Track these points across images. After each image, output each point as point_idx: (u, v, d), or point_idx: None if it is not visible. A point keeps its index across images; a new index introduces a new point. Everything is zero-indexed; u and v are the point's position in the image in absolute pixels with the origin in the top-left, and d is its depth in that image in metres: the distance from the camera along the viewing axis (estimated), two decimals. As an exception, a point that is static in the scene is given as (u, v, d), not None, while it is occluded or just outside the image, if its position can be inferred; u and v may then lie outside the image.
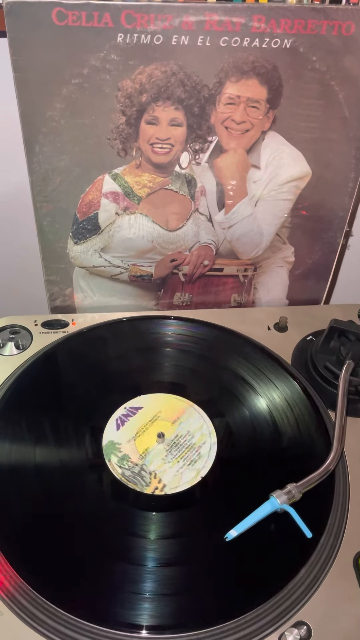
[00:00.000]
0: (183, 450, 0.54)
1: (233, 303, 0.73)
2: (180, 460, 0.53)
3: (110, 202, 0.62)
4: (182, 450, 0.54)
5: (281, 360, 0.61)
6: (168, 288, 0.71)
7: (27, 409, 0.55)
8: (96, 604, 0.42)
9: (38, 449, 0.52)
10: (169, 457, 0.53)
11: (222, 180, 0.63)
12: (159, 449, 0.54)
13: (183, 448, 0.54)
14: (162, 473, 0.52)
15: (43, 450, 0.52)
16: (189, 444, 0.54)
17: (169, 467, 0.52)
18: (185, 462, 0.53)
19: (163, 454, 0.54)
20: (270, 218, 0.66)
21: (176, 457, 0.53)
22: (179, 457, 0.53)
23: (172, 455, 0.53)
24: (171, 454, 0.53)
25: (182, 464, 0.53)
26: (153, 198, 0.63)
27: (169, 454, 0.53)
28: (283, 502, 0.46)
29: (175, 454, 0.54)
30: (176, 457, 0.53)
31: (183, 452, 0.53)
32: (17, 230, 0.70)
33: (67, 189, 0.61)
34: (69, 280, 0.68)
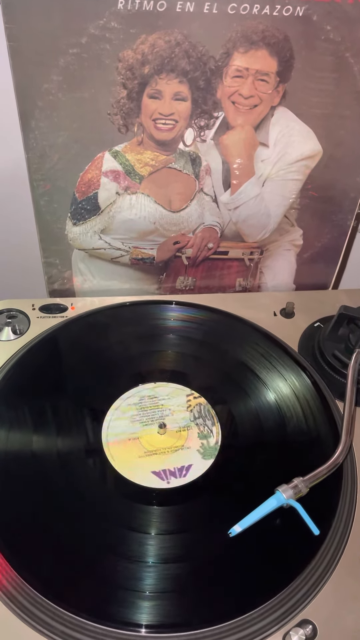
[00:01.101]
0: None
1: (238, 287, 0.72)
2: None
3: (111, 181, 0.61)
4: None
5: (287, 347, 0.60)
6: (171, 272, 0.70)
7: (24, 397, 0.55)
8: (95, 601, 0.42)
9: (36, 437, 0.51)
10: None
11: (228, 159, 0.61)
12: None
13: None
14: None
15: (41, 439, 0.52)
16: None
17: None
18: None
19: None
20: (278, 199, 0.65)
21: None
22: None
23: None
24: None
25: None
26: (155, 177, 0.61)
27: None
28: (289, 497, 0.45)
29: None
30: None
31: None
32: (14, 210, 0.69)
33: (65, 167, 0.59)
34: (67, 262, 0.67)
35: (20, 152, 0.58)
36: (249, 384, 0.57)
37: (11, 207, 0.69)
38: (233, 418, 0.55)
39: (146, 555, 0.44)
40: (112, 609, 0.41)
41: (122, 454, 0.52)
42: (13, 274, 0.75)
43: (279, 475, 0.47)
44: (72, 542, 0.45)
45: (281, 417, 0.54)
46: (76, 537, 0.46)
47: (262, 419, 0.54)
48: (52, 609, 0.42)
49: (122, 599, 0.42)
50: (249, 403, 0.56)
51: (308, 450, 0.51)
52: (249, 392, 0.56)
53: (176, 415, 0.55)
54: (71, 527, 0.46)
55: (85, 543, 0.45)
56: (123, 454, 0.52)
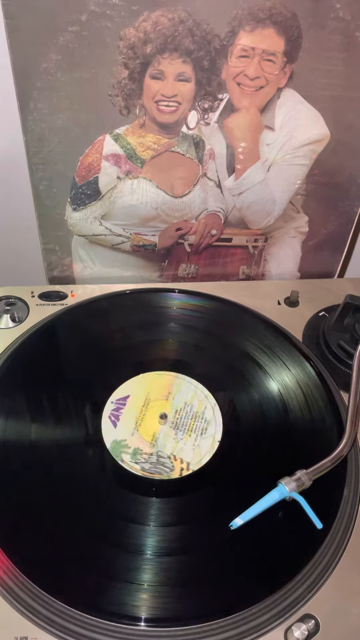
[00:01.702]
0: (189, 421, 0.52)
1: (241, 275, 0.71)
2: (191, 433, 0.52)
3: (112, 165, 0.60)
4: (188, 423, 0.52)
5: (291, 337, 0.59)
6: (173, 259, 0.69)
7: (22, 387, 0.54)
8: (92, 593, 0.41)
9: (34, 427, 0.51)
10: (179, 435, 0.52)
11: (232, 143, 0.60)
12: (166, 430, 0.52)
13: (188, 420, 0.53)
14: (180, 452, 0.51)
15: (40, 429, 0.51)
16: (191, 413, 0.53)
17: (184, 444, 0.51)
18: (197, 433, 0.52)
19: (172, 433, 0.52)
20: (283, 184, 0.63)
21: (186, 431, 0.52)
22: (189, 430, 0.52)
23: (181, 430, 0.52)
24: (180, 430, 0.52)
25: (194, 435, 0.52)
26: (158, 161, 0.60)
27: (178, 431, 0.52)
28: (292, 490, 0.45)
29: (184, 428, 0.52)
30: (186, 432, 0.52)
31: (190, 424, 0.52)
32: (12, 196, 0.68)
33: (64, 150, 0.58)
34: (67, 249, 0.66)
35: (18, 135, 0.57)
36: (252, 374, 0.56)
37: (9, 192, 0.68)
38: (235, 408, 0.54)
39: (145, 548, 0.44)
40: (110, 602, 0.41)
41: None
42: (12, 261, 0.74)
43: (282, 468, 0.46)
44: (70, 534, 0.45)
45: (284, 408, 0.53)
46: (74, 529, 0.45)
47: (265, 409, 0.53)
48: (49, 601, 0.41)
49: (120, 592, 0.42)
50: (251, 393, 0.55)
51: (312, 442, 0.51)
52: (251, 382, 0.56)
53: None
54: (69, 518, 0.46)
55: (83, 534, 0.45)
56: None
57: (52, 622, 0.41)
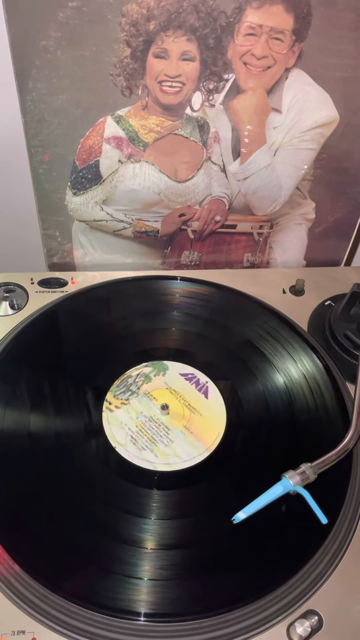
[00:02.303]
0: (149, 433, 0.51)
1: (246, 263, 0.71)
2: (138, 431, 0.51)
3: (113, 148, 0.59)
4: (149, 432, 0.52)
5: (297, 326, 0.59)
6: (175, 245, 0.68)
7: (22, 375, 0.53)
8: (91, 587, 0.41)
9: (33, 416, 0.50)
10: (141, 419, 0.52)
11: (238, 125, 0.59)
12: (153, 410, 0.53)
13: (150, 433, 0.51)
14: (124, 411, 0.52)
15: (38, 419, 0.51)
16: (156, 438, 0.51)
17: (130, 419, 0.52)
18: (137, 437, 0.51)
19: (147, 414, 0.52)
20: (290, 169, 0.62)
21: (143, 427, 0.52)
22: (142, 430, 0.52)
23: (144, 424, 0.52)
24: (145, 423, 0.52)
25: (134, 433, 0.51)
26: (161, 144, 0.59)
27: (146, 421, 0.52)
28: (296, 484, 0.44)
29: (146, 427, 0.52)
30: (142, 427, 0.52)
31: (147, 434, 0.51)
32: (10, 179, 0.67)
33: (64, 132, 0.57)
34: (67, 234, 0.66)
35: (16, 116, 0.56)
36: (256, 364, 0.56)
37: (8, 175, 0.68)
38: (239, 399, 0.53)
39: (145, 541, 0.43)
40: (109, 596, 0.41)
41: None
42: (10, 247, 0.73)
43: (286, 461, 0.46)
44: (68, 526, 0.44)
45: (289, 399, 0.53)
46: (72, 521, 0.45)
47: (269, 400, 0.53)
48: (47, 594, 0.41)
49: (120, 586, 0.41)
50: (255, 384, 0.54)
51: (317, 434, 0.50)
52: (255, 373, 0.55)
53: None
54: (68, 510, 0.45)
55: (82, 527, 0.44)
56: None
57: (50, 616, 0.40)
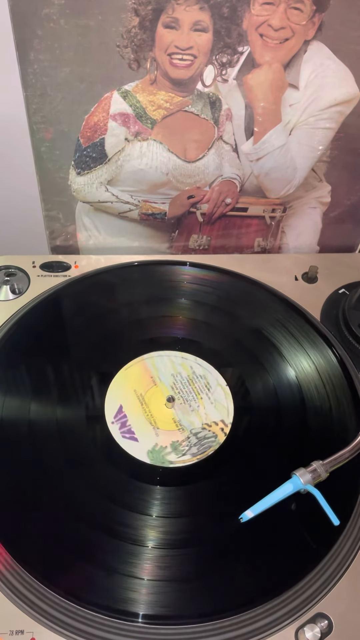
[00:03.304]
0: (190, 387, 0.53)
1: (257, 248, 0.69)
2: (201, 394, 0.52)
3: (119, 125, 0.58)
4: (190, 389, 0.52)
5: (309, 315, 0.58)
6: (183, 229, 0.67)
7: (22, 362, 0.53)
8: (88, 586, 0.40)
9: (34, 405, 0.50)
10: (193, 404, 0.51)
11: (252, 102, 0.57)
12: (181, 408, 0.51)
13: (188, 386, 0.53)
14: (208, 416, 0.51)
15: (39, 408, 0.50)
16: (185, 379, 0.52)
17: (204, 408, 0.51)
18: (204, 391, 0.52)
19: (187, 407, 0.51)
20: (306, 150, 0.61)
21: (195, 397, 0.52)
22: (197, 394, 0.52)
23: (192, 399, 0.52)
24: (190, 399, 0.52)
25: (205, 395, 0.52)
26: (169, 122, 0.58)
27: (190, 402, 0.51)
28: (307, 482, 0.43)
29: (192, 396, 0.52)
30: (196, 397, 0.52)
31: (193, 388, 0.52)
32: (11, 158, 0.65)
33: (68, 108, 0.56)
34: (71, 216, 0.65)
35: (17, 90, 0.55)
36: (266, 355, 0.54)
37: (8, 154, 0.66)
38: (247, 392, 0.52)
39: (146, 539, 0.43)
40: (108, 596, 0.40)
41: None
42: (12, 228, 0.72)
43: (296, 458, 0.45)
44: (69, 522, 0.44)
45: (300, 393, 0.51)
46: (71, 516, 0.44)
47: (279, 394, 0.52)
48: (45, 593, 0.40)
49: (118, 586, 0.40)
50: (264, 376, 0.53)
51: (329, 431, 0.49)
52: (265, 364, 0.54)
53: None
54: (67, 504, 0.45)
55: (81, 523, 0.44)
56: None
57: (49, 616, 0.40)
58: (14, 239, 0.71)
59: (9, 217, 0.71)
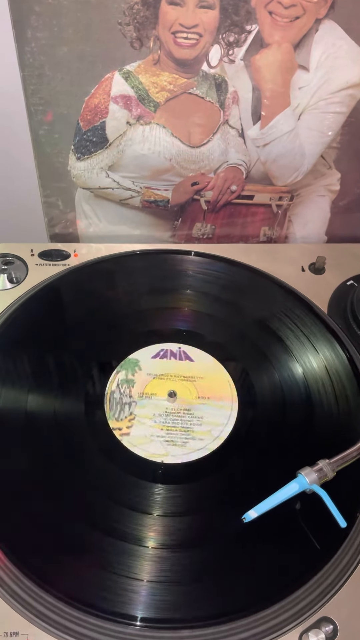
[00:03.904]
0: (178, 426, 0.50)
1: (262, 237, 0.69)
2: (167, 432, 0.49)
3: (121, 108, 0.57)
4: (177, 425, 0.50)
5: (316, 308, 0.57)
6: (187, 217, 0.66)
7: (19, 354, 0.52)
8: (84, 587, 0.40)
9: (31, 397, 0.49)
10: (159, 420, 0.50)
11: (259, 85, 0.56)
12: (161, 405, 0.51)
13: (179, 425, 0.50)
14: (139, 424, 0.49)
15: (36, 401, 0.49)
16: (188, 426, 0.50)
17: (150, 427, 0.49)
18: (172, 438, 0.49)
19: (160, 411, 0.50)
20: (315, 135, 0.60)
21: (167, 424, 0.49)
22: (170, 428, 0.49)
23: (166, 421, 0.50)
24: (166, 420, 0.50)
25: (165, 436, 0.49)
26: (173, 105, 0.57)
27: (164, 418, 0.50)
28: (313, 482, 0.42)
29: (170, 423, 0.50)
30: (166, 425, 0.49)
31: (177, 427, 0.49)
32: (8, 141, 0.64)
33: (67, 89, 0.55)
34: (70, 203, 0.64)
35: (14, 70, 0.54)
36: (271, 349, 0.54)
37: (5, 137, 0.65)
38: (251, 388, 0.51)
39: (146, 539, 0.42)
40: (104, 597, 0.39)
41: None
42: (9, 215, 0.72)
43: (302, 456, 0.45)
44: (64, 520, 0.43)
45: (306, 389, 0.51)
46: (68, 514, 0.43)
47: (285, 390, 0.51)
48: (41, 594, 0.39)
49: (116, 587, 0.40)
50: (269, 371, 0.52)
51: (336, 428, 0.48)
52: (270, 358, 0.53)
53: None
54: (64, 501, 0.44)
55: (78, 521, 0.43)
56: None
57: (44, 617, 0.39)
58: (11, 226, 0.70)
59: (6, 203, 0.70)
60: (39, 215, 0.66)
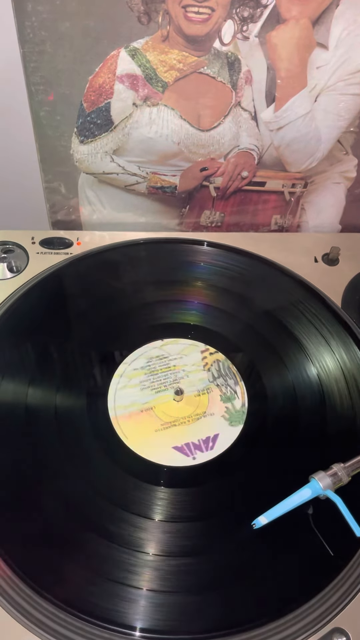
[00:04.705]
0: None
1: (274, 226, 0.68)
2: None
3: (127, 88, 0.55)
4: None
5: (329, 300, 0.56)
6: (195, 204, 0.65)
7: (18, 346, 0.52)
8: (82, 594, 0.39)
9: (31, 391, 0.49)
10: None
11: (275, 64, 0.54)
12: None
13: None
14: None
15: (35, 396, 0.49)
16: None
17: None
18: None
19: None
20: (332, 119, 0.58)
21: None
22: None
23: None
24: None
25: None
26: (182, 85, 0.55)
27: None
28: (327, 487, 0.42)
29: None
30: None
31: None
32: (8, 123, 0.63)
33: (70, 67, 0.54)
34: (73, 188, 0.63)
35: (14, 47, 0.52)
36: (281, 345, 0.53)
37: (4, 118, 0.64)
38: (262, 386, 0.51)
39: (148, 545, 0.41)
40: (102, 605, 0.38)
41: (135, 429, 0.48)
42: (9, 201, 0.71)
43: (315, 460, 0.44)
44: (63, 525, 0.42)
45: (319, 389, 0.50)
46: (67, 519, 0.43)
47: (298, 390, 0.50)
48: (34, 596, 0.39)
49: (115, 595, 0.39)
50: (280, 368, 0.51)
51: (350, 431, 0.47)
52: (282, 355, 0.52)
53: (192, 376, 0.51)
54: (63, 505, 0.43)
55: (77, 526, 0.42)
56: (136, 429, 0.48)
57: (41, 624, 0.39)
58: (11, 212, 0.69)
59: (6, 188, 0.69)
60: (41, 201, 0.65)
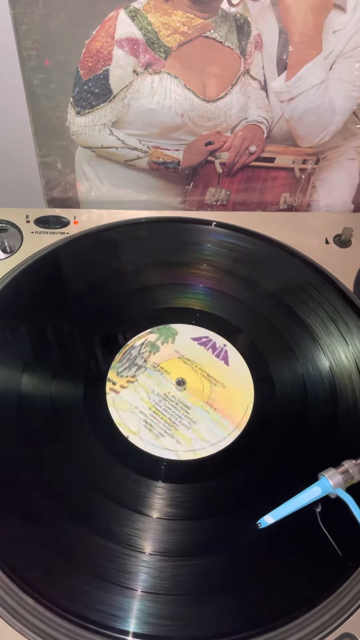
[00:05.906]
0: (166, 415, 0.48)
1: (282, 205, 0.67)
2: (152, 414, 0.48)
3: (127, 54, 0.54)
4: (165, 414, 0.48)
5: (340, 284, 0.55)
6: (199, 181, 0.64)
7: (12, 332, 0.51)
8: (72, 595, 0.38)
9: (25, 378, 0.48)
10: (154, 398, 0.48)
11: (287, 27, 0.52)
12: (166, 386, 0.50)
13: (168, 415, 0.48)
14: (133, 390, 0.48)
15: (30, 383, 0.48)
16: (175, 421, 0.48)
17: (141, 400, 0.48)
18: (152, 422, 0.47)
19: (160, 391, 0.49)
20: (347, 88, 0.56)
21: (157, 408, 0.48)
22: (157, 412, 0.48)
23: (158, 404, 0.48)
24: (160, 403, 0.49)
25: (147, 417, 0.47)
26: (187, 51, 0.53)
27: (160, 400, 0.48)
28: (337, 485, 0.41)
29: (161, 408, 0.48)
30: (156, 407, 0.48)
31: (164, 416, 0.48)
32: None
33: (65, 30, 0.52)
34: (70, 163, 0.62)
35: (4, 8, 0.50)
36: (290, 332, 0.52)
37: None
38: (270, 378, 0.50)
39: (145, 544, 0.41)
40: (93, 608, 0.38)
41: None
42: (2, 177, 0.69)
43: (325, 457, 0.43)
44: (56, 524, 0.42)
45: (330, 379, 0.49)
46: (60, 519, 0.42)
47: (307, 382, 0.49)
48: (23, 597, 0.38)
49: (107, 597, 0.38)
50: (290, 358, 0.50)
51: None
52: (291, 343, 0.51)
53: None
54: (54, 500, 0.43)
55: (71, 525, 0.42)
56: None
57: (32, 626, 0.38)
58: (4, 189, 0.68)
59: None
60: (35, 177, 0.64)
